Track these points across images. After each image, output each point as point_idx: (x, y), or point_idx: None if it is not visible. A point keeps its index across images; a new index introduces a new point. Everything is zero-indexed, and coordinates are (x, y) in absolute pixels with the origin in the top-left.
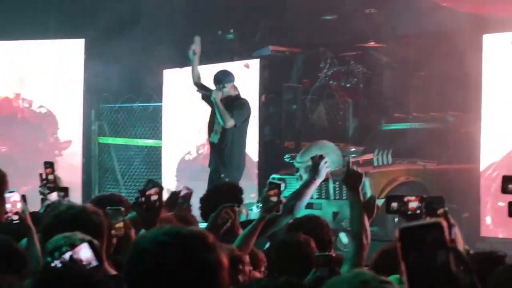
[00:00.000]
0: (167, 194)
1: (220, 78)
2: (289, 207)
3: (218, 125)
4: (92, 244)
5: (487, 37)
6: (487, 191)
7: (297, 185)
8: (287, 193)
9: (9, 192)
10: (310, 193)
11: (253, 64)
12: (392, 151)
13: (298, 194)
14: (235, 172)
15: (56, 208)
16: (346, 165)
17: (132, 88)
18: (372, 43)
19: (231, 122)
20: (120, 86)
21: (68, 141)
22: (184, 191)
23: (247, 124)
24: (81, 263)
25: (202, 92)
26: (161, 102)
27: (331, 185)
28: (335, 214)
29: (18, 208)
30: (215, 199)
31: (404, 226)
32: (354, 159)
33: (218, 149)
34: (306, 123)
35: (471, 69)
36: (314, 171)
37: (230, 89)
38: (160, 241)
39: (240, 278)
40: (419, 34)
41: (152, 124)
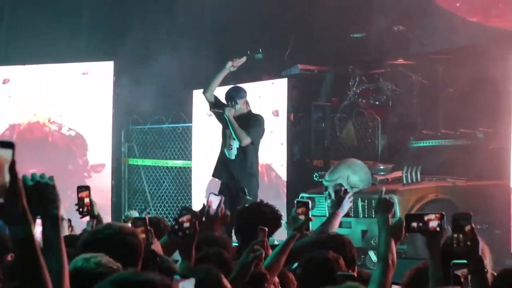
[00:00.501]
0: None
1: (232, 95)
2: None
3: (233, 141)
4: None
5: None
6: None
7: (326, 204)
8: (316, 212)
9: None
10: (336, 226)
11: (281, 83)
12: (421, 168)
13: (325, 227)
14: (256, 189)
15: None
16: (378, 195)
17: (161, 109)
18: (400, 60)
19: (247, 140)
20: (150, 107)
21: (102, 164)
22: (215, 200)
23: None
24: None
25: (214, 110)
26: (190, 122)
27: (360, 203)
28: (364, 232)
29: None
30: (255, 220)
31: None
32: (382, 177)
33: (235, 165)
34: (335, 141)
35: (500, 86)
36: (338, 204)
37: (242, 105)
38: None
39: None
40: (448, 50)
41: (181, 144)
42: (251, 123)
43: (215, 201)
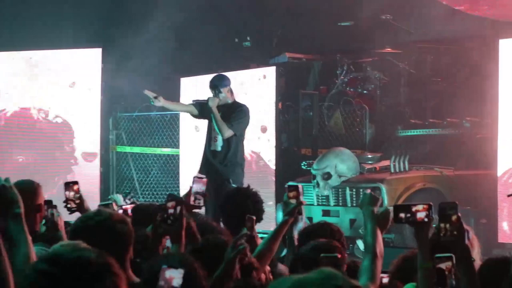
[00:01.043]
0: None
1: (215, 83)
2: None
3: (218, 134)
4: None
5: (504, 42)
6: (504, 197)
7: (314, 192)
8: (304, 199)
9: None
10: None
11: (269, 71)
12: (409, 158)
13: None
14: (241, 177)
15: None
16: (384, 210)
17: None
18: (388, 49)
19: (229, 133)
20: (137, 95)
21: (90, 151)
22: (198, 186)
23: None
24: None
25: (197, 101)
26: None
27: (348, 192)
28: (352, 221)
29: None
30: (238, 206)
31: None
32: (370, 166)
33: (221, 155)
34: (323, 130)
35: (487, 74)
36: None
37: (226, 93)
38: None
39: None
40: (436, 40)
41: (169, 132)
42: (235, 115)
43: (197, 186)
